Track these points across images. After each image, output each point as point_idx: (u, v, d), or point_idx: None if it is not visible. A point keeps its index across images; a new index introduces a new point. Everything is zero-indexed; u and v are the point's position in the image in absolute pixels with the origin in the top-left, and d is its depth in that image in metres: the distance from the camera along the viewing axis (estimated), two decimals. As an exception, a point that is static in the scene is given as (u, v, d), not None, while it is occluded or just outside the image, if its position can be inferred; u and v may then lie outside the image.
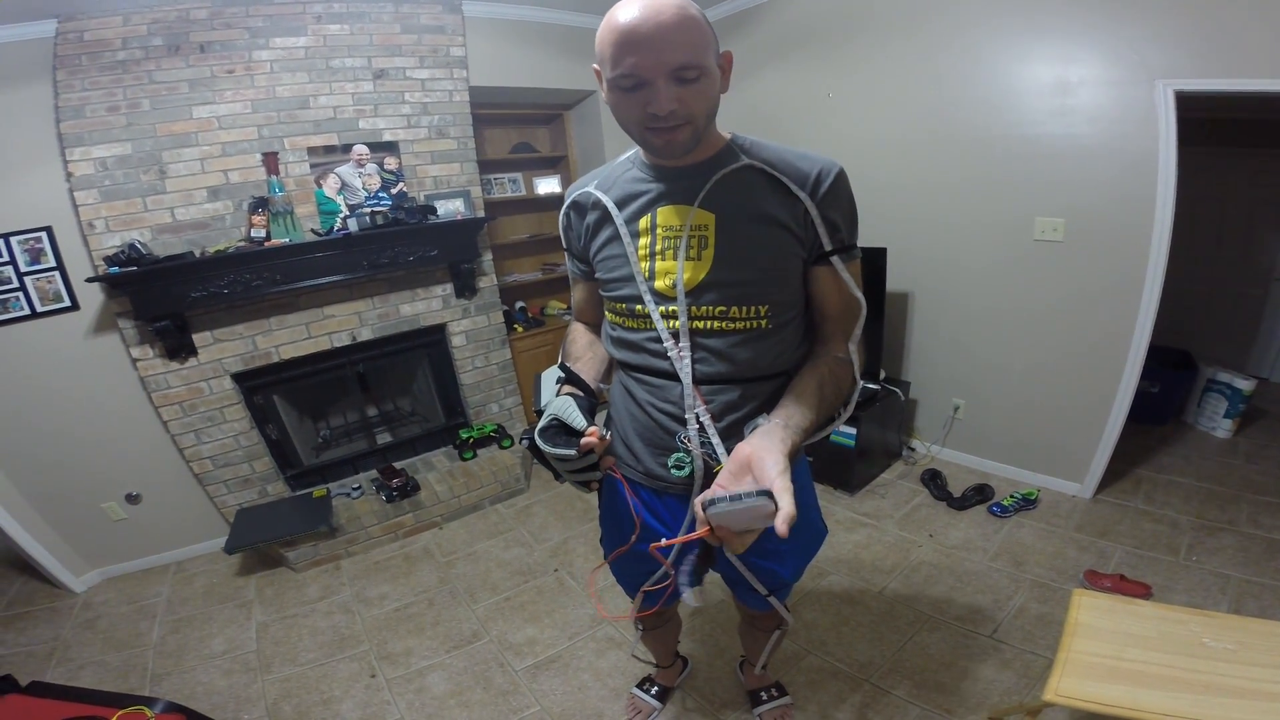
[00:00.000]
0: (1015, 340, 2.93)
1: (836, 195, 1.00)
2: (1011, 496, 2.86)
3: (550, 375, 1.07)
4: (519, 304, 4.07)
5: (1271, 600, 2.14)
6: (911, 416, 3.49)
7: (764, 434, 0.89)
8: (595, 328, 1.31)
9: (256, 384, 2.91)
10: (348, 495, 3.06)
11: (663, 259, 1.03)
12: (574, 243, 1.19)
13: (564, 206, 1.18)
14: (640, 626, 1.66)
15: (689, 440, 1.07)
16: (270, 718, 2.06)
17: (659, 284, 1.04)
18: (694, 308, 1.03)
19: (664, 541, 0.90)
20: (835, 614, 2.30)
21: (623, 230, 1.06)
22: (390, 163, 3.01)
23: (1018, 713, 1.72)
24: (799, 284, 1.06)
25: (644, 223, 1.05)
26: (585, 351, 1.22)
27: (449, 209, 3.17)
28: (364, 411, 3.52)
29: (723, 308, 1.02)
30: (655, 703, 1.99)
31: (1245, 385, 3.18)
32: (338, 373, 3.16)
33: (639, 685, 2.04)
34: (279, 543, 2.78)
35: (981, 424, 3.20)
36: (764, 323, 1.03)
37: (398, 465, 3.29)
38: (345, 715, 2.06)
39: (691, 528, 1.19)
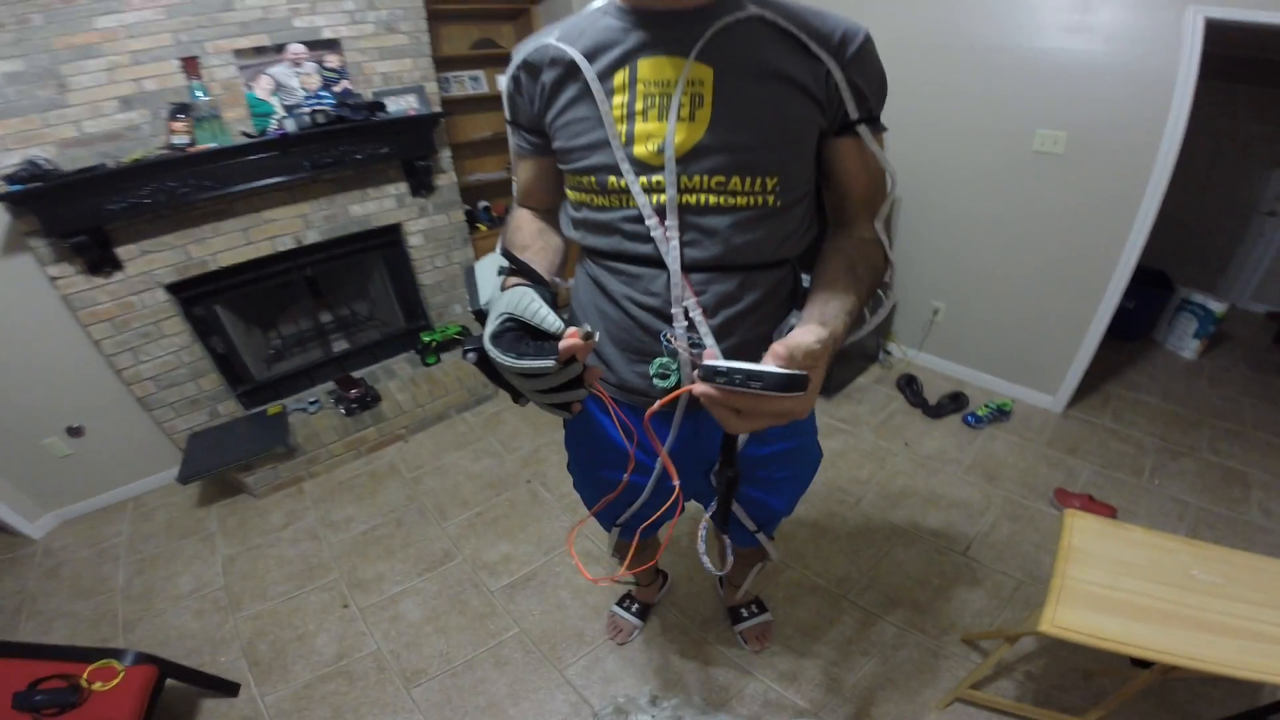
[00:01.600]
0: (1001, 248, 2.88)
1: (865, 60, 0.83)
2: (986, 406, 2.89)
3: (489, 265, 0.86)
4: (482, 204, 3.81)
5: (1225, 530, 2.23)
6: (890, 319, 3.45)
7: (800, 330, 0.73)
8: (546, 214, 1.10)
9: (194, 294, 2.65)
10: (305, 410, 2.89)
11: (644, 120, 0.83)
12: (523, 110, 0.97)
13: (511, 68, 0.95)
14: (618, 555, 1.57)
15: (675, 339, 0.90)
16: (246, 658, 1.99)
17: (640, 149, 0.84)
18: (685, 178, 0.84)
19: (656, 404, 0.75)
20: (813, 526, 2.32)
21: (595, 86, 0.84)
22: (332, 61, 2.68)
23: (995, 638, 1.77)
24: (812, 157, 0.90)
25: (620, 78, 0.84)
26: (534, 240, 1.01)
27: (401, 105, 2.87)
28: (317, 318, 3.28)
29: (721, 178, 0.83)
30: (636, 620, 1.98)
31: (1218, 307, 3.22)
32: (284, 278, 2.90)
33: (619, 603, 2.03)
34: (235, 468, 2.62)
35: (960, 329, 3.19)
36: (771, 199, 0.86)
37: (356, 375, 3.12)
38: (321, 649, 2.00)
39: (677, 444, 1.04)
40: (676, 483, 0.89)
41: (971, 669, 1.76)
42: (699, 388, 0.62)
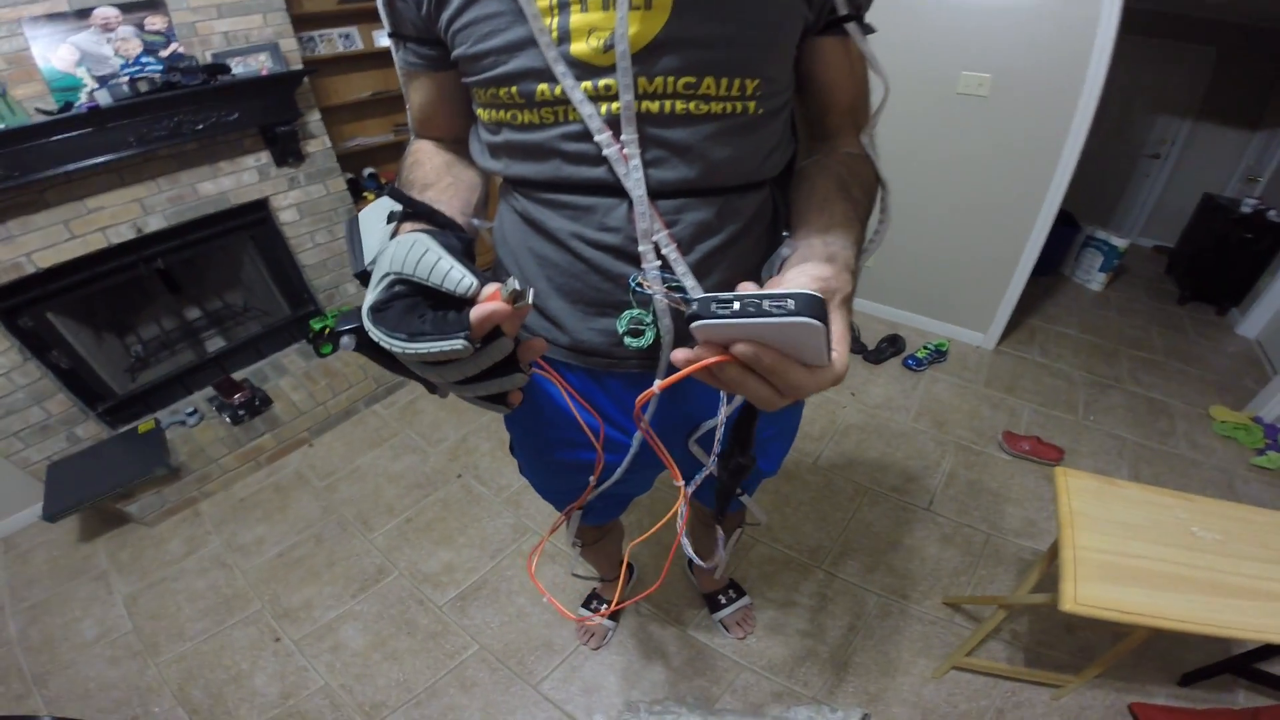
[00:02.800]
0: (928, 191, 2.85)
1: None
2: (924, 348, 2.91)
3: (376, 212, 0.65)
4: (368, 170, 3.34)
5: (1163, 466, 2.33)
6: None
7: (800, 265, 0.56)
8: (455, 144, 0.85)
9: (15, 303, 2.14)
10: (183, 424, 2.43)
11: (582, 9, 0.61)
12: (407, 17, 0.71)
13: None
14: (579, 543, 1.39)
15: (648, 283, 0.70)
16: (183, 707, 1.70)
17: (579, 47, 0.62)
18: (645, 80, 0.63)
19: (656, 385, 0.50)
20: (775, 492, 2.22)
21: None
22: (155, 22, 2.17)
23: (987, 604, 1.74)
24: (793, 57, 0.72)
25: None
26: (439, 175, 0.77)
27: (252, 67, 2.41)
28: (182, 315, 2.76)
29: (690, 79, 0.63)
30: (608, 621, 1.82)
31: (1121, 243, 3.44)
32: (130, 274, 2.40)
33: (585, 604, 1.86)
34: (111, 497, 2.18)
35: (891, 273, 3.18)
36: (753, 105, 0.67)
37: (238, 376, 2.66)
38: (263, 690, 1.73)
39: (656, 413, 0.83)
40: (680, 483, 0.72)
41: (959, 632, 1.74)
42: (706, 358, 0.43)
